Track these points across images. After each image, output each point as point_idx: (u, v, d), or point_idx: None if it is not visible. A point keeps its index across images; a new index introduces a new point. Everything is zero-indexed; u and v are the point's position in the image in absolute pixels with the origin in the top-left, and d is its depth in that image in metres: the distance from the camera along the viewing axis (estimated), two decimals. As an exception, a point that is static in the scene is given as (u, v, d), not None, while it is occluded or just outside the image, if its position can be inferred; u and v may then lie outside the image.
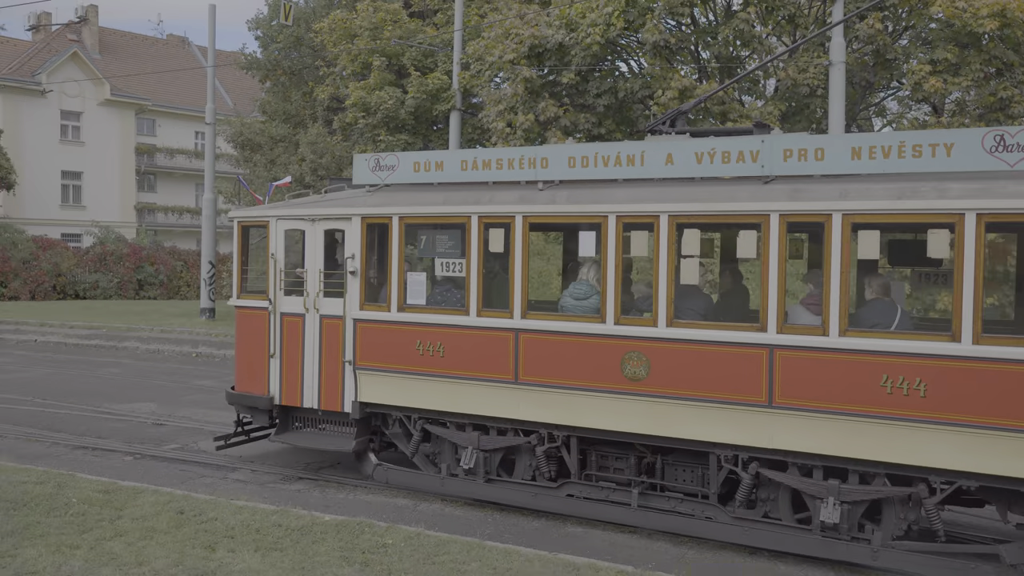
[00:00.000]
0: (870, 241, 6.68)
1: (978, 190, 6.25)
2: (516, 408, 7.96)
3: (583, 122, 16.35)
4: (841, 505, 6.73)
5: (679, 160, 7.43)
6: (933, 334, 6.64)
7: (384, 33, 21.12)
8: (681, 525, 7.44)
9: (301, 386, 9.14)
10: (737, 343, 6.98)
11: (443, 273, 8.52)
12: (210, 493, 8.17)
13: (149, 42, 49.25)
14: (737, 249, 7.22)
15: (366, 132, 20.92)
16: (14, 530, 6.42)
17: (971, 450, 6.25)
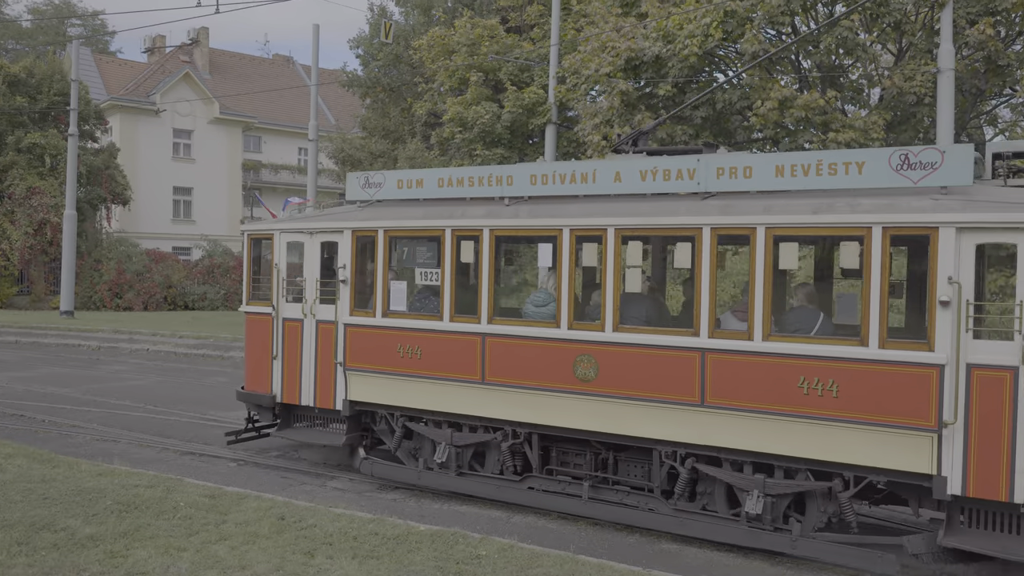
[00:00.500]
0: (790, 252, 7.26)
1: (884, 205, 6.75)
2: (483, 407, 8.61)
3: (680, 134, 16.11)
4: (765, 498, 7.27)
5: (626, 178, 8.05)
6: (845, 339, 7.00)
7: (481, 49, 21.39)
8: (626, 516, 7.99)
9: (300, 385, 9.94)
10: (673, 347, 7.57)
11: (422, 282, 9.30)
12: (310, 500, 8.34)
13: (256, 62, 51.29)
14: (675, 259, 7.90)
15: (463, 147, 21.21)
16: (126, 531, 6.69)
17: (878, 447, 6.74)
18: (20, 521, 6.73)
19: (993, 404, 6.40)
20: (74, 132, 27.29)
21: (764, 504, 7.24)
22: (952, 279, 6.51)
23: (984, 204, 6.53)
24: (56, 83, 32.12)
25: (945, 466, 6.55)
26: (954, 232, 6.51)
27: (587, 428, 8.06)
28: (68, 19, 50.43)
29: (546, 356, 8.22)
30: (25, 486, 7.75)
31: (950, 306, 6.51)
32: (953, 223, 6.50)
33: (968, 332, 6.51)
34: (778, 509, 7.31)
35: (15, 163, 30.75)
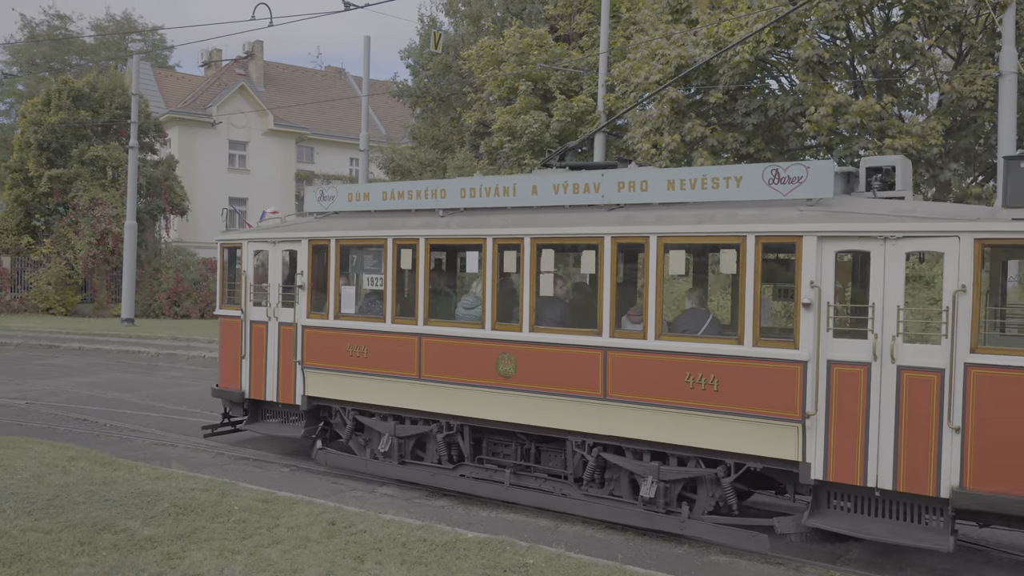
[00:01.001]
0: (678, 259, 7.92)
1: (758, 216, 7.41)
2: (421, 401, 9.41)
3: (731, 141, 15.97)
4: (659, 483, 7.97)
5: (541, 191, 8.79)
6: (724, 337, 7.72)
7: (530, 58, 21.47)
8: (541, 500, 8.70)
9: (265, 382, 10.84)
10: (580, 345, 8.26)
11: (369, 287, 10.16)
12: (359, 506, 8.43)
13: (309, 74, 52.20)
14: (582, 265, 8.52)
15: (512, 156, 21.28)
16: (183, 533, 6.84)
17: (753, 436, 7.39)
18: (83, 522, 6.93)
19: (850, 397, 7.02)
20: (135, 145, 28.07)
21: (658, 489, 7.96)
22: (814, 283, 7.12)
23: (843, 215, 7.17)
24: (118, 97, 33.09)
25: (809, 453, 7.18)
26: (816, 240, 7.12)
27: (508, 420, 8.82)
28: (129, 35, 52.01)
29: (473, 354, 8.96)
30: (88, 488, 7.98)
31: (812, 308, 7.12)
32: (815, 232, 7.12)
33: (829, 331, 7.15)
34: (671, 494, 8.01)
35: (79, 175, 31.75)
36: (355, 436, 10.23)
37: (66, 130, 31.75)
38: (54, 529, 6.71)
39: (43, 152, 31.87)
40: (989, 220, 6.64)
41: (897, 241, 6.88)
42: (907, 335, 6.96)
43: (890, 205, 7.24)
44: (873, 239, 6.96)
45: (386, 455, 9.77)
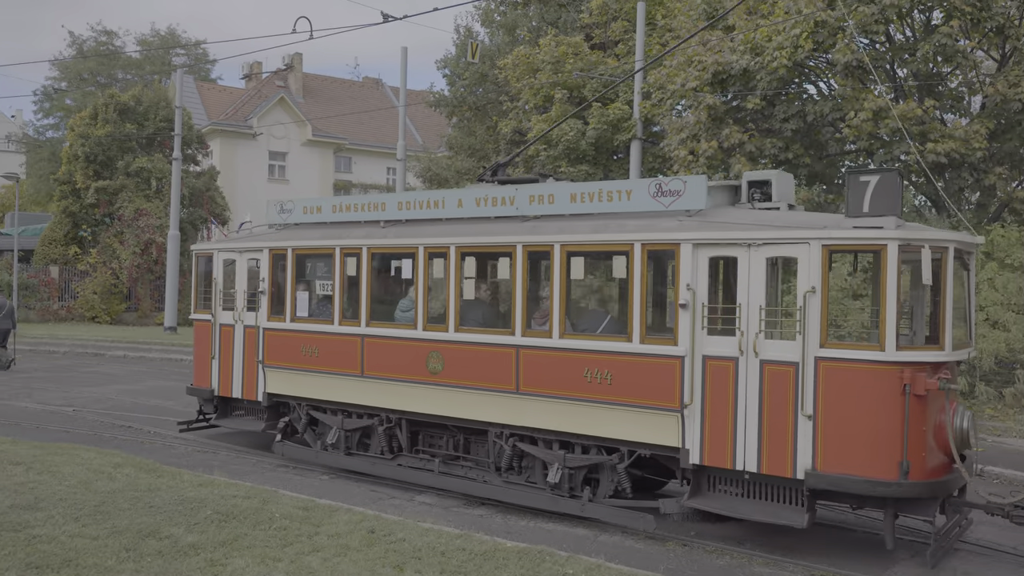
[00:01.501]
0: (579, 265, 8.76)
1: (644, 225, 8.22)
2: (364, 396, 10.27)
3: (769, 147, 15.82)
4: (564, 470, 8.71)
5: (466, 204, 9.66)
6: (617, 336, 8.42)
7: (566, 66, 21.49)
8: (467, 487, 9.49)
9: (232, 381, 11.78)
10: (497, 344, 9.06)
11: (321, 292, 11.02)
12: (398, 514, 8.48)
13: (347, 85, 52.80)
14: (499, 271, 9.43)
15: (548, 164, 21.30)
16: (225, 540, 6.94)
17: (642, 425, 8.14)
18: (128, 528, 7.07)
19: (721, 388, 7.75)
20: (178, 156, 28.62)
21: (563, 475, 8.72)
22: (690, 286, 7.88)
23: (715, 224, 7.92)
24: (162, 110, 33.79)
25: (688, 440, 7.92)
26: (691, 247, 7.89)
27: (438, 413, 9.66)
28: (173, 49, 53.07)
29: (407, 353, 9.82)
30: (132, 494, 8.13)
31: (688, 308, 7.87)
32: (691, 240, 7.89)
33: (703, 329, 7.88)
34: (576, 479, 8.76)
35: (124, 186, 32.45)
36: (310, 429, 11.13)
37: (112, 143, 32.48)
38: (101, 535, 6.85)
39: (90, 164, 32.64)
40: (834, 228, 7.37)
41: (759, 247, 7.60)
42: (768, 332, 7.67)
43: (760, 215, 7.99)
44: (739, 246, 7.70)
45: (334, 447, 10.71)
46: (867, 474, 7.13)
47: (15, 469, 8.90)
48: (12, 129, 57.97)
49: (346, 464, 10.60)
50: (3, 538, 6.62)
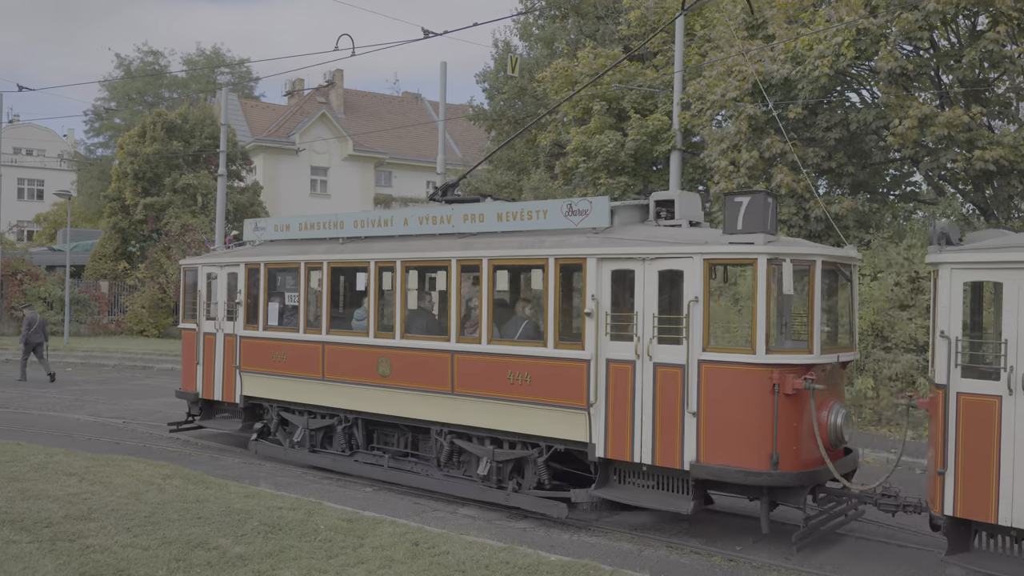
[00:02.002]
0: (503, 278, 10.15)
1: (558, 242, 9.05)
2: (325, 398, 11.18)
3: (811, 156, 15.65)
4: (493, 463, 9.55)
5: (411, 223, 10.61)
6: (535, 341, 9.26)
7: (604, 78, 21.50)
8: (411, 479, 10.42)
9: (214, 385, 12.73)
10: (436, 349, 9.94)
11: (289, 303, 11.91)
12: (441, 527, 8.51)
13: (387, 100, 53.39)
14: (437, 283, 10.86)
15: (587, 176, 21.31)
16: (272, 552, 7.03)
17: (556, 422, 8.93)
18: (177, 539, 7.20)
19: (621, 388, 8.54)
20: (223, 173, 29.14)
21: (491, 468, 9.56)
22: (594, 296, 8.66)
23: (617, 241, 8.67)
24: (207, 127, 34.48)
25: (594, 435, 8.68)
26: (596, 261, 8.67)
27: (388, 413, 10.55)
28: (218, 68, 54.17)
29: (361, 358, 10.67)
30: (182, 505, 8.28)
31: (593, 316, 8.66)
32: (595, 255, 8.67)
33: (607, 335, 8.67)
34: (504, 472, 9.54)
35: (171, 202, 33.14)
36: (281, 429, 12.00)
37: (160, 160, 33.22)
38: (151, 546, 6.98)
39: (139, 181, 33.40)
40: (714, 244, 8.11)
41: (652, 261, 8.39)
42: (661, 338, 8.38)
43: (660, 232, 8.75)
44: (636, 260, 8.50)
45: (299, 444, 11.65)
46: (742, 465, 7.90)
47: (69, 480, 9.11)
48: (65, 148, 59.60)
49: (310, 460, 11.54)
50: (59, 547, 6.78)
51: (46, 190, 56.94)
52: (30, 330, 21.11)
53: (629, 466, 8.63)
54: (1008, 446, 6.58)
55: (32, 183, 59.02)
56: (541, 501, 9.20)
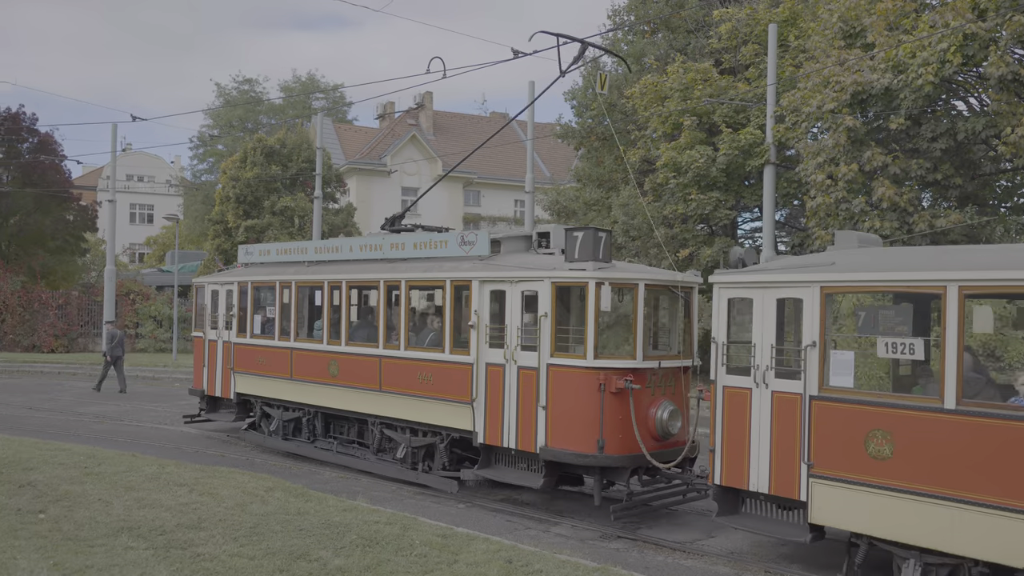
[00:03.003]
0: (417, 296, 12.98)
1: (453, 267, 11.10)
2: (293, 394, 13.52)
3: (915, 168, 15.06)
4: (409, 448, 11.66)
5: (355, 250, 13.04)
6: (437, 348, 11.26)
7: (694, 93, 21.25)
8: (351, 462, 12.61)
9: (216, 383, 15.20)
10: (368, 354, 12.13)
11: (269, 315, 14.21)
12: (534, 545, 8.50)
13: (475, 120, 54.14)
14: (371, 299, 12.94)
15: (677, 191, 21.05)
16: (369, 565, 7.15)
17: (451, 414, 10.91)
18: (281, 549, 7.40)
19: (495, 387, 10.44)
20: (319, 195, 30.06)
21: (407, 452, 11.68)
22: (477, 312, 10.62)
23: (496, 267, 10.58)
24: (303, 151, 35.66)
25: (477, 425, 10.60)
26: (479, 283, 10.65)
27: (337, 407, 12.81)
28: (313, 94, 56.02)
29: (317, 361, 13.00)
30: (284, 517, 8.52)
31: (476, 328, 10.60)
32: (478, 278, 10.66)
33: (487, 343, 10.58)
34: (418, 456, 11.61)
35: (270, 224, 34.35)
36: (264, 420, 14.32)
37: (259, 184, 34.50)
38: (256, 555, 7.20)
39: (240, 205, 34.77)
40: (560, 269, 9.91)
41: (516, 283, 10.28)
42: (524, 346, 10.18)
43: (534, 259, 10.52)
44: (506, 282, 10.39)
45: (275, 433, 13.98)
46: (576, 448, 9.69)
47: (180, 490, 9.50)
48: (172, 174, 62.62)
49: (283, 447, 13.83)
50: (172, 555, 7.07)
51: (155, 214, 59.90)
52: (112, 344, 22.48)
53: (502, 450, 10.56)
54: (755, 428, 8.12)
55: (143, 208, 62.21)
56: (441, 479, 11.28)
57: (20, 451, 11.63)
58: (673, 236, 22.22)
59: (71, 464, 10.76)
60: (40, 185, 36.27)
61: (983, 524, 6.56)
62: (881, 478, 7.15)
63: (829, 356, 7.70)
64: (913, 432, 7.01)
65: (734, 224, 23.51)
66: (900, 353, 7.50)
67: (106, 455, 11.70)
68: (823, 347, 7.66)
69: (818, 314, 7.67)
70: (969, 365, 7.23)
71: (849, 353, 7.87)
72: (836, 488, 7.46)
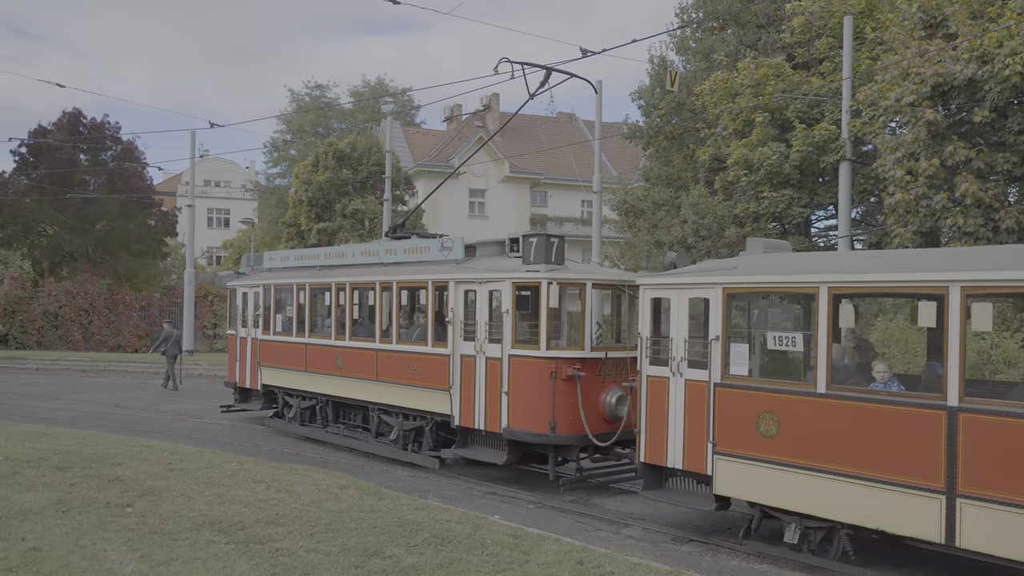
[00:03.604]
0: (408, 295, 13.77)
1: (434, 269, 12.52)
2: (308, 384, 15.21)
3: (1001, 163, 14.48)
4: (401, 431, 13.11)
5: (358, 255, 14.51)
6: (422, 342, 12.66)
7: (766, 88, 20.85)
8: (356, 444, 14.14)
9: (246, 376, 17.16)
10: (367, 348, 13.63)
11: (288, 314, 15.91)
12: (605, 546, 8.44)
13: (541, 121, 54.09)
14: (369, 299, 14.10)
15: (748, 189, 20.68)
16: (442, 563, 7.20)
17: (434, 400, 12.34)
18: (355, 547, 7.52)
19: (468, 375, 11.85)
20: (388, 198, 30.50)
21: (399, 434, 13.21)
22: (453, 309, 12.02)
23: (469, 269, 11.95)
24: (373, 155, 36.23)
25: (454, 410, 12.04)
26: (455, 284, 12.02)
27: (343, 395, 14.42)
28: (382, 98, 56.85)
29: (327, 355, 14.59)
30: (358, 515, 8.65)
31: (452, 323, 12.02)
32: (454, 279, 12.03)
33: (461, 337, 11.97)
34: (409, 437, 13.13)
35: (341, 227, 34.99)
36: (286, 408, 16.05)
37: (331, 187, 35.19)
38: (332, 552, 7.33)
39: (312, 208, 35.52)
40: (519, 271, 11.19)
41: (483, 284, 11.67)
42: (491, 339, 11.51)
43: (498, 262, 11.84)
44: (476, 283, 11.78)
45: (293, 420, 15.78)
46: (532, 429, 11.00)
47: (257, 487, 9.74)
48: (247, 179, 64.35)
49: (300, 432, 15.52)
50: (252, 549, 7.25)
51: (231, 218, 61.66)
52: (167, 343, 23.54)
53: (475, 431, 11.99)
54: (672, 412, 9.30)
55: (220, 212, 64.09)
56: (425, 458, 12.80)
57: (108, 447, 12.10)
58: (745, 235, 21.83)
59: (155, 460, 11.14)
60: (124, 191, 37.70)
61: (849, 493, 7.64)
62: (769, 454, 8.27)
63: (730, 348, 8.70)
64: (794, 414, 8.13)
65: (808, 222, 22.97)
66: (785, 345, 8.55)
67: (188, 452, 12.08)
68: (725, 340, 8.73)
69: (721, 311, 8.76)
70: (838, 355, 8.43)
71: (744, 345, 8.79)
72: (734, 463, 8.63)
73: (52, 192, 38.17)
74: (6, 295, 35.41)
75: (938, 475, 7.06)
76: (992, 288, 7.00)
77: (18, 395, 21.87)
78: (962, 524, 6.93)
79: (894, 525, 7.39)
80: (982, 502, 6.80)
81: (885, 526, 7.46)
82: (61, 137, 38.01)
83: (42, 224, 39.34)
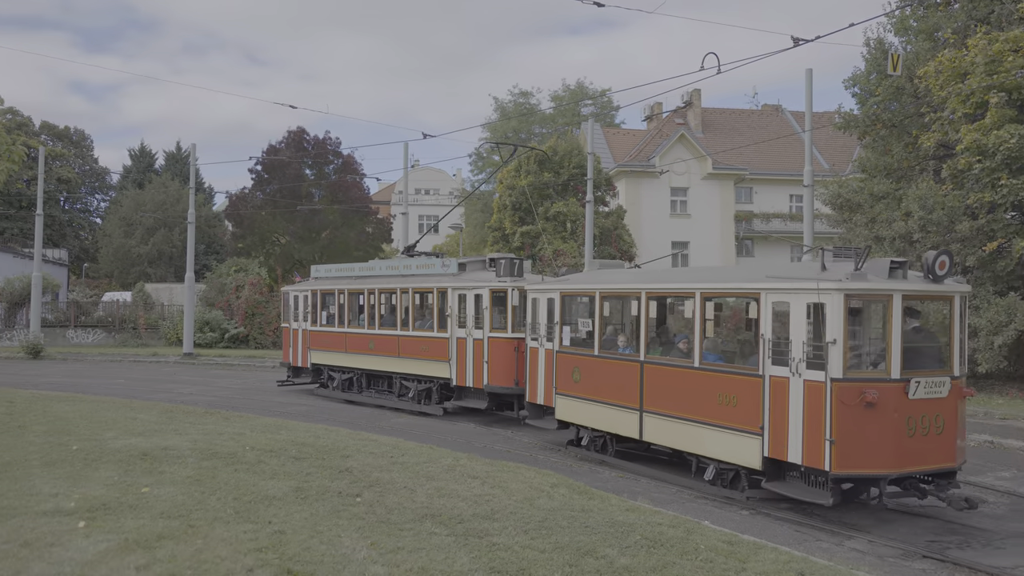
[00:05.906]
0: (419, 297, 19.61)
1: (439, 279, 18.61)
2: (347, 362, 21.65)
3: None
4: (416, 391, 19.33)
5: (385, 269, 20.93)
6: (430, 330, 18.81)
7: (1003, 65, 18.95)
8: (383, 400, 20.43)
9: (297, 356, 23.75)
10: (392, 334, 19.99)
11: (331, 312, 22.24)
12: (827, 558, 8.04)
13: (745, 115, 52.33)
14: (393, 299, 20.34)
15: (982, 177, 18.89)
16: (655, 567, 7.15)
17: (438, 368, 18.46)
18: (568, 545, 7.65)
19: (462, 350, 17.68)
20: (590, 199, 30.70)
21: (415, 393, 19.22)
22: (451, 307, 17.85)
23: (461, 280, 17.78)
24: (574, 158, 36.64)
25: (452, 374, 17.92)
26: (452, 289, 17.84)
27: (374, 368, 20.78)
28: (581, 101, 57.33)
29: (362, 340, 20.92)
30: (569, 514, 8.79)
31: (451, 316, 17.82)
32: (451, 286, 17.89)
33: (456, 325, 17.69)
34: (421, 396, 19.13)
35: (544, 230, 35.70)
36: (329, 381, 22.49)
37: (533, 191, 35.97)
38: (546, 549, 7.50)
39: (516, 212, 36.50)
40: (494, 282, 17.00)
41: (471, 290, 17.39)
42: (476, 326, 17.18)
43: (481, 275, 17.62)
44: (467, 289, 17.46)
45: (336, 388, 22.08)
46: (503, 385, 16.86)
47: (473, 482, 10.16)
48: (454, 186, 67.19)
49: (342, 396, 21.66)
50: (470, 543, 7.58)
51: (440, 224, 64.66)
52: None
53: (466, 388, 17.69)
54: (540, 368, 15.06)
55: (429, 219, 67.38)
56: (434, 407, 18.65)
57: (338, 440, 13.10)
58: (979, 228, 19.96)
59: (379, 453, 11.92)
60: (344, 202, 40.61)
61: (612, 414, 13.09)
62: (576, 393, 13.93)
63: (563, 330, 14.31)
64: (587, 365, 13.67)
65: (1054, 211, 20.60)
66: (584, 329, 14.02)
67: (408, 446, 12.83)
68: (562, 325, 14.34)
69: (558, 307, 14.41)
70: (610, 333, 13.71)
71: (568, 327, 14.31)
72: (562, 399, 14.31)
73: (283, 205, 41.83)
74: (247, 300, 39.24)
75: (636, 399, 12.51)
76: (713, 293, 11.99)
77: (259, 391, 24.20)
78: (644, 426, 12.37)
79: (620, 429, 12.95)
80: (652, 414, 12.19)
81: (618, 431, 13.02)
82: (289, 154, 41.59)
83: (276, 234, 43.25)
